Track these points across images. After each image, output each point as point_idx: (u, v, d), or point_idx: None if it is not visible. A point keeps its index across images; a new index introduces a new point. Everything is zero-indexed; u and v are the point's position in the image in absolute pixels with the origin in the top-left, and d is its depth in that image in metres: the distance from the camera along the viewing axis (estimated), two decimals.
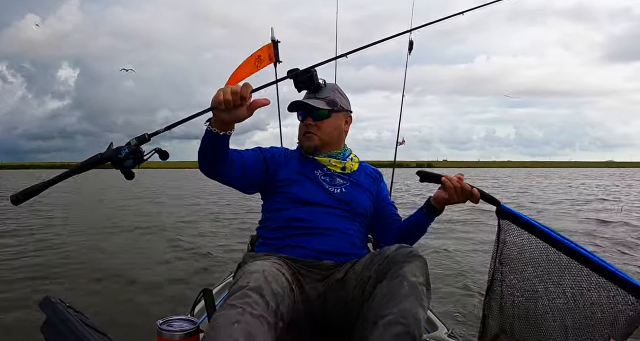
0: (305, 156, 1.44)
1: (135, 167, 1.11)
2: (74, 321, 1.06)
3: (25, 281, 3.44)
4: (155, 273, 3.82)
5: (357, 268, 1.18)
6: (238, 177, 1.31)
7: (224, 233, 6.22)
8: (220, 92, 1.06)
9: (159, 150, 1.15)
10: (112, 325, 2.38)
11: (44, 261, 4.09)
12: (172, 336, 1.25)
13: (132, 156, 1.08)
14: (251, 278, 1.00)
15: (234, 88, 1.05)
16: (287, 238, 1.30)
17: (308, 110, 1.40)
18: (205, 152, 1.20)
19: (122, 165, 1.08)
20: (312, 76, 1.36)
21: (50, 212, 7.74)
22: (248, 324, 0.89)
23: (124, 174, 1.10)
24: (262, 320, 0.92)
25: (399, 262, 1.06)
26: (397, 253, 1.09)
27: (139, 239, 5.43)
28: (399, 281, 1.01)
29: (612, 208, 9.54)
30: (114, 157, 1.07)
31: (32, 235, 5.52)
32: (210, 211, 9.38)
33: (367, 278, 1.11)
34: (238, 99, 1.05)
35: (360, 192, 1.41)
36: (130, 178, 1.11)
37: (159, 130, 1.09)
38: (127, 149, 1.07)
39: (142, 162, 1.11)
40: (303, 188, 1.36)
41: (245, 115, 1.09)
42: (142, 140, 1.09)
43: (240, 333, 0.87)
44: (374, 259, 1.14)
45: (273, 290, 1.00)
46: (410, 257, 1.07)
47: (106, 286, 3.36)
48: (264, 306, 0.95)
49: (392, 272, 1.04)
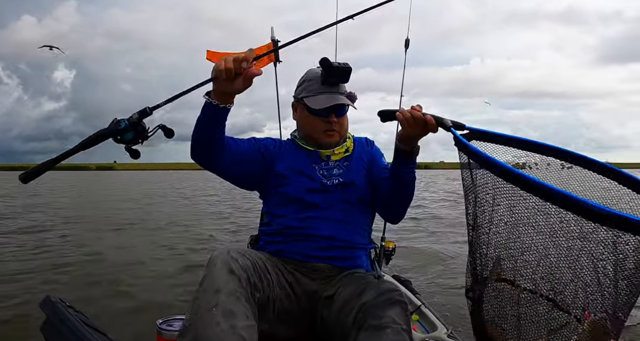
0: (304, 148, 1.39)
1: (139, 144, 1.06)
2: (74, 321, 1.07)
3: (26, 280, 3.44)
4: (155, 273, 3.82)
5: (344, 294, 1.14)
6: (232, 163, 1.28)
7: (225, 233, 6.22)
8: (221, 61, 1.04)
9: (163, 127, 1.10)
10: (112, 325, 2.38)
11: (44, 261, 4.09)
12: (172, 335, 1.25)
13: (132, 129, 1.03)
14: (217, 259, 1.03)
15: (235, 56, 1.03)
16: (281, 243, 1.29)
17: (334, 107, 1.33)
18: (201, 128, 1.17)
19: (122, 138, 1.03)
20: (350, 71, 1.33)
21: (50, 212, 7.75)
22: (225, 303, 0.93)
23: (128, 151, 1.06)
24: (238, 295, 0.97)
25: (380, 309, 1.02)
26: (376, 302, 1.05)
27: (140, 239, 5.43)
28: (381, 332, 0.98)
29: None
30: (114, 130, 1.02)
31: (31, 235, 5.52)
32: (212, 210, 9.39)
33: (347, 322, 1.07)
34: (239, 67, 1.03)
35: (357, 176, 1.37)
36: (135, 157, 1.08)
37: (160, 104, 1.05)
38: (127, 121, 1.02)
39: (145, 139, 1.06)
40: (300, 188, 1.32)
41: (241, 86, 1.08)
42: (143, 114, 1.04)
43: (220, 314, 0.91)
44: (352, 300, 1.09)
45: (241, 264, 1.03)
46: (390, 304, 1.03)
47: (106, 286, 3.36)
48: (236, 281, 0.99)
49: (372, 321, 1.01)
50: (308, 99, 1.35)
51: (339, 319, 1.10)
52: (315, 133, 1.37)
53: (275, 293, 1.14)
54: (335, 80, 1.34)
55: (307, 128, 1.40)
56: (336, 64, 1.30)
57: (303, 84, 1.39)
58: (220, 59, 1.04)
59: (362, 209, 1.37)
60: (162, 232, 6.24)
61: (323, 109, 1.32)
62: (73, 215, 7.71)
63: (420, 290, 2.14)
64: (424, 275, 3.87)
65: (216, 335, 0.88)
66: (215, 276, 0.98)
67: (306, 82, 1.38)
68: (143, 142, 1.07)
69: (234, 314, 0.93)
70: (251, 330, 0.94)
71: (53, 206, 8.56)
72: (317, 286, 1.23)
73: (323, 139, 1.37)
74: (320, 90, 1.34)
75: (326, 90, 1.34)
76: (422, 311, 1.80)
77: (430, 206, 9.80)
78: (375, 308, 1.03)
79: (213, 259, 1.03)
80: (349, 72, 1.33)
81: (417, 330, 1.67)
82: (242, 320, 0.93)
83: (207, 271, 1.01)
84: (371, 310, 1.03)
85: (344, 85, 1.38)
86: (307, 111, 1.36)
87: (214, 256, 1.04)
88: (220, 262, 1.01)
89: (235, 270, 1.00)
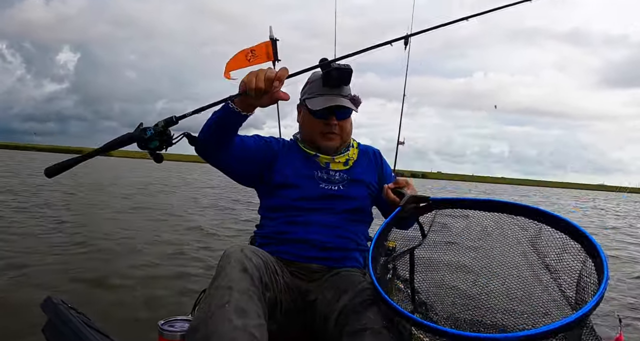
0: (305, 152, 1.37)
1: (163, 150, 1.09)
2: (76, 322, 1.07)
3: (26, 281, 3.43)
4: (157, 273, 3.82)
5: (327, 298, 1.14)
6: (237, 160, 1.27)
7: (227, 233, 6.22)
8: (252, 79, 1.00)
9: (188, 135, 1.15)
10: (113, 326, 2.38)
11: (44, 261, 4.08)
12: (174, 336, 1.25)
13: (157, 137, 1.06)
14: (231, 257, 1.02)
15: (269, 75, 1.00)
16: (275, 245, 1.29)
17: (333, 108, 1.31)
18: (216, 129, 1.16)
19: (147, 146, 1.06)
20: (351, 73, 1.30)
21: (50, 211, 7.73)
22: (237, 301, 0.93)
23: (152, 156, 1.09)
24: (251, 293, 0.96)
25: (358, 312, 1.02)
26: (353, 304, 1.05)
27: (140, 239, 5.43)
28: (361, 335, 0.97)
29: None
30: (140, 138, 1.05)
31: (32, 234, 5.51)
32: (215, 208, 9.37)
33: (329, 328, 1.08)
34: (270, 86, 1.00)
35: (358, 189, 1.36)
36: (159, 161, 1.10)
37: (187, 114, 1.07)
38: (153, 130, 1.05)
39: (170, 145, 1.09)
40: (296, 192, 1.30)
41: (266, 104, 1.06)
42: (168, 123, 1.07)
43: (232, 312, 0.90)
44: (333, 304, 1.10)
45: (255, 263, 1.03)
46: (369, 305, 1.03)
47: (108, 286, 3.36)
48: (249, 280, 0.98)
49: (351, 326, 1.00)
50: (309, 101, 1.34)
51: (323, 324, 1.11)
52: (314, 135, 1.35)
53: (282, 293, 1.14)
54: (336, 82, 1.31)
55: (307, 130, 1.38)
56: (335, 65, 1.27)
57: (306, 86, 1.38)
58: (251, 75, 1.01)
59: (358, 218, 1.36)
60: (164, 231, 6.22)
61: (322, 111, 1.30)
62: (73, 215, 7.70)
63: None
64: None
65: (229, 332, 0.88)
66: (229, 274, 0.98)
67: (309, 84, 1.37)
68: (167, 149, 1.09)
69: (246, 312, 0.92)
70: (262, 329, 0.94)
71: (52, 206, 8.56)
72: (312, 288, 1.23)
73: (321, 142, 1.34)
74: (321, 92, 1.32)
75: (327, 92, 1.32)
76: None
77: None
78: (353, 311, 1.03)
79: (227, 257, 1.03)
80: (350, 73, 1.30)
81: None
82: (254, 318, 0.93)
83: (221, 269, 1.00)
84: (350, 313, 1.03)
85: (348, 87, 1.35)
86: (308, 113, 1.35)
87: (228, 254, 1.04)
88: (234, 260, 1.01)
89: (248, 268, 1.00)
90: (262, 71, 1.01)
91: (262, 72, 1.01)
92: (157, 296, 3.13)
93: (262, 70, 1.01)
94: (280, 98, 1.04)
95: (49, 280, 3.47)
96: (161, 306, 2.87)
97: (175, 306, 2.83)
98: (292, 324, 1.18)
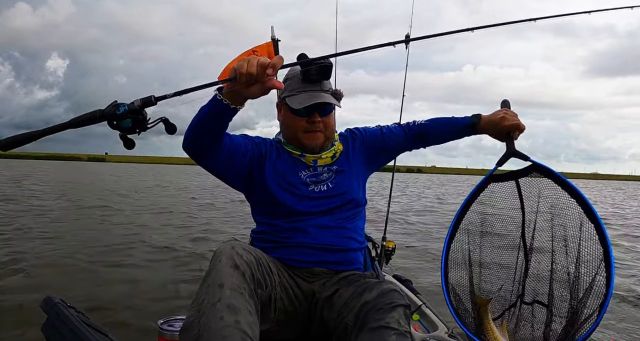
0: (290, 152, 1.33)
1: (136, 134, 0.96)
2: (75, 321, 1.07)
3: (26, 281, 3.43)
4: (157, 273, 3.81)
5: (345, 295, 1.12)
6: (225, 159, 1.22)
7: (227, 233, 6.21)
8: (244, 64, 0.94)
9: (165, 120, 0.99)
10: (112, 325, 2.39)
11: (44, 261, 4.08)
12: (173, 335, 1.25)
13: (130, 115, 0.93)
14: (222, 255, 1.01)
15: (262, 61, 0.95)
16: (273, 249, 1.26)
17: (315, 105, 1.25)
18: (203, 124, 1.09)
19: (119, 125, 0.93)
20: (331, 67, 1.24)
21: (50, 211, 7.73)
22: (229, 298, 0.92)
23: (122, 140, 0.97)
24: (242, 290, 0.96)
25: (382, 310, 1.00)
26: (377, 303, 1.02)
27: (140, 239, 5.42)
28: (384, 333, 0.96)
29: None
30: (112, 114, 0.92)
31: (31, 234, 5.51)
32: (214, 207, 9.36)
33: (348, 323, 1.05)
34: (263, 74, 0.95)
35: (347, 179, 1.33)
36: (129, 147, 0.99)
37: (167, 95, 0.94)
38: (127, 107, 0.92)
39: (144, 129, 0.96)
40: (285, 196, 1.27)
41: (257, 94, 1.00)
42: (146, 102, 0.93)
43: (224, 309, 0.90)
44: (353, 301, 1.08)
45: (246, 260, 1.02)
46: (393, 307, 1.01)
47: (107, 286, 3.36)
48: (240, 276, 0.98)
49: (374, 323, 0.99)
50: (289, 99, 1.27)
51: (339, 320, 1.09)
52: (298, 134, 1.30)
53: (277, 292, 1.12)
54: (315, 78, 1.25)
55: (290, 129, 1.32)
56: (313, 60, 1.20)
57: (285, 83, 1.31)
58: (244, 60, 0.95)
59: (353, 213, 1.33)
60: (164, 231, 6.23)
61: (304, 108, 1.24)
62: (73, 215, 7.69)
63: (421, 289, 2.14)
64: (425, 274, 3.87)
65: (220, 329, 0.88)
66: (220, 271, 0.97)
67: (288, 81, 1.31)
68: (140, 133, 0.97)
69: (238, 309, 0.92)
70: (254, 326, 0.93)
71: (52, 205, 8.56)
72: (315, 288, 1.21)
73: (305, 140, 1.29)
74: (301, 89, 1.27)
75: (308, 88, 1.26)
76: (423, 311, 1.80)
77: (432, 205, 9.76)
78: (377, 309, 1.01)
79: (218, 254, 1.02)
80: (329, 68, 1.24)
81: (417, 330, 1.67)
82: (246, 315, 0.92)
83: (212, 266, 1.00)
84: (373, 310, 1.01)
85: (328, 82, 1.30)
86: (289, 111, 1.29)
87: (219, 251, 1.03)
88: (225, 257, 1.00)
89: (239, 265, 0.99)
90: (254, 57, 0.96)
91: (254, 58, 0.95)
92: (156, 295, 3.13)
93: (255, 57, 0.96)
94: (274, 87, 0.99)
95: (49, 280, 3.47)
96: (161, 306, 2.86)
97: (175, 306, 2.83)
98: (287, 323, 1.17)
